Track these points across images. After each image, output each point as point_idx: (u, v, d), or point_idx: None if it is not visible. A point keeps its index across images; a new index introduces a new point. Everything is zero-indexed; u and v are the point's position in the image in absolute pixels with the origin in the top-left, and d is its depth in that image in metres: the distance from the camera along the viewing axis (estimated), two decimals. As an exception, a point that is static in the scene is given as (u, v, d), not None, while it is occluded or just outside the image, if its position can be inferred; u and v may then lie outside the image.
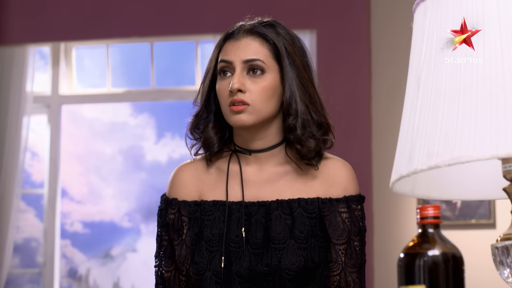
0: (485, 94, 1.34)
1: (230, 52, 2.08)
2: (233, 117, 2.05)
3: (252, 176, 2.11)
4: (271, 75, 2.07)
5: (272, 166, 2.12)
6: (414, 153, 1.39)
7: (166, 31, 5.38)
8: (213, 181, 2.14)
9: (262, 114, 2.06)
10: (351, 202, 2.09)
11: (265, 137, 2.10)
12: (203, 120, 2.14)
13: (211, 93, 2.13)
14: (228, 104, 2.05)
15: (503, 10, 1.38)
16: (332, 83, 5.08)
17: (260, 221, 2.06)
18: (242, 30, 2.10)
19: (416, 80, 1.45)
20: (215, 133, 2.13)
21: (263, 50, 2.07)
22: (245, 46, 2.08)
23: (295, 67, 2.09)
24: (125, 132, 6.24)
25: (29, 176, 5.90)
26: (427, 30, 1.45)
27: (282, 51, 2.08)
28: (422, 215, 1.99)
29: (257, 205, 2.08)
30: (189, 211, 2.11)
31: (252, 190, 2.10)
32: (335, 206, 2.07)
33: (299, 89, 2.08)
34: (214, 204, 2.10)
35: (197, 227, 2.09)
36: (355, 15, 5.16)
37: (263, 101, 2.05)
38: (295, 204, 2.06)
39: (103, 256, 6.14)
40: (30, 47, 5.49)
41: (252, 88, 2.05)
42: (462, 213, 4.90)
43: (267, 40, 2.08)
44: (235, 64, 2.07)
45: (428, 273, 1.40)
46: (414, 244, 1.90)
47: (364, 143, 5.05)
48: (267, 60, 2.07)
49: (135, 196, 6.12)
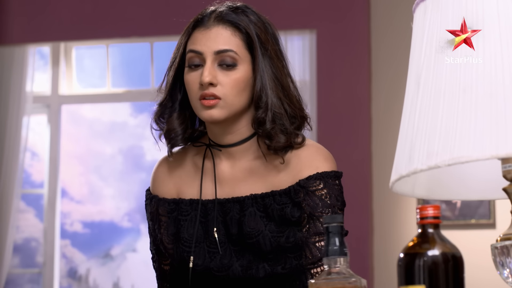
0: (485, 94, 1.33)
1: (200, 42, 1.96)
2: (203, 112, 1.94)
3: (225, 173, 2.03)
4: (244, 67, 1.96)
5: (246, 161, 2.02)
6: (414, 153, 1.39)
7: (166, 31, 5.38)
8: (190, 178, 2.06)
9: (234, 108, 1.95)
10: (327, 178, 1.97)
11: (236, 131, 2.00)
12: (168, 109, 2.03)
13: (177, 82, 2.02)
14: (198, 97, 1.94)
15: (502, 10, 1.38)
16: (332, 83, 5.08)
17: (234, 218, 1.99)
18: (213, 17, 1.98)
19: (416, 80, 1.45)
20: (179, 124, 2.02)
21: (235, 40, 1.96)
22: (216, 35, 1.95)
23: (268, 57, 1.97)
24: (125, 132, 6.24)
25: (29, 176, 5.90)
26: (427, 30, 1.45)
27: (255, 40, 1.96)
28: (422, 215, 1.99)
29: (232, 201, 1.99)
30: (168, 210, 2.05)
31: (227, 187, 2.02)
32: (307, 187, 1.95)
33: (272, 81, 1.97)
34: (191, 203, 2.03)
35: (174, 227, 2.04)
36: (355, 15, 5.16)
37: (235, 94, 1.95)
38: (269, 199, 1.96)
39: (103, 256, 6.13)
40: (30, 47, 5.49)
41: (224, 81, 1.94)
42: (462, 213, 4.90)
43: (239, 29, 1.96)
44: (205, 55, 1.95)
45: (428, 273, 1.40)
46: (414, 244, 1.89)
47: (364, 143, 5.04)
48: (240, 50, 1.96)
49: (135, 196, 6.12)
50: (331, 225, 1.40)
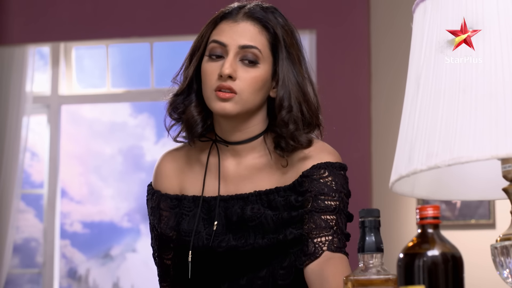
0: (485, 94, 1.33)
1: (226, 34, 1.95)
2: (217, 104, 1.93)
3: (230, 170, 2.02)
4: (264, 66, 1.95)
5: (251, 159, 2.01)
6: (413, 153, 1.39)
7: (166, 31, 5.38)
8: (194, 174, 2.05)
9: (247, 105, 1.94)
10: (332, 167, 1.96)
11: (246, 129, 1.99)
12: (184, 99, 2.01)
13: (195, 72, 2.00)
14: (214, 88, 1.92)
15: (502, 10, 1.38)
16: (331, 83, 5.07)
17: (236, 211, 1.97)
18: (242, 12, 1.97)
19: (415, 80, 1.45)
20: (198, 113, 2.00)
21: (261, 39, 1.95)
22: (243, 30, 1.94)
23: (291, 61, 1.98)
24: (125, 132, 6.23)
25: (29, 176, 5.90)
26: (427, 30, 1.45)
27: (281, 42, 1.96)
28: (422, 215, 1.99)
29: (236, 198, 1.98)
30: (170, 205, 2.04)
31: (231, 185, 2.01)
32: (311, 176, 1.94)
33: (294, 85, 1.97)
34: (194, 200, 2.02)
35: (174, 220, 2.02)
36: (355, 15, 5.16)
37: (252, 92, 1.93)
38: (273, 195, 1.96)
39: (102, 256, 6.13)
40: (30, 47, 5.49)
41: (243, 76, 1.92)
42: (462, 213, 4.90)
43: (267, 28, 1.96)
44: (229, 47, 1.94)
45: (427, 273, 1.40)
46: (414, 244, 1.89)
47: (364, 143, 5.04)
48: (264, 49, 1.95)
49: (134, 196, 6.12)
50: (367, 219, 1.37)
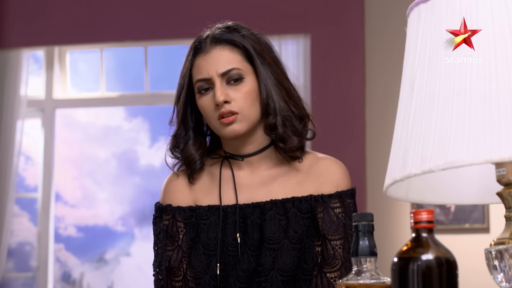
0: (479, 98, 1.33)
1: (204, 69, 2.05)
2: (225, 129, 2.03)
3: (245, 179, 2.10)
4: (250, 78, 2.05)
5: (265, 169, 2.10)
6: (408, 158, 1.39)
7: (160, 35, 5.38)
8: (207, 187, 2.12)
9: (251, 119, 2.05)
10: (345, 197, 2.07)
11: (255, 141, 2.08)
12: (182, 138, 2.11)
13: (187, 110, 2.11)
14: (217, 117, 2.03)
15: (496, 14, 1.38)
16: (326, 87, 5.08)
17: (255, 222, 2.04)
18: (209, 41, 2.07)
19: (410, 84, 1.45)
20: (196, 150, 2.10)
21: (235, 57, 2.05)
22: (217, 57, 2.05)
23: (267, 65, 2.07)
24: (119, 136, 6.22)
25: (23, 180, 5.88)
26: (421, 34, 1.45)
27: (252, 52, 2.06)
28: (416, 219, 1.99)
29: (252, 206, 2.06)
30: (185, 216, 2.09)
31: (246, 193, 2.08)
32: (328, 202, 2.05)
33: (275, 86, 2.06)
34: (210, 208, 2.08)
35: (193, 232, 2.07)
36: (349, 19, 5.17)
37: (250, 105, 2.04)
38: (289, 204, 2.04)
39: (97, 260, 6.12)
40: (24, 51, 5.48)
41: (236, 96, 2.03)
42: (456, 217, 4.90)
43: (236, 45, 2.06)
44: (213, 79, 2.03)
45: (421, 278, 1.40)
46: (408, 248, 1.89)
47: (358, 147, 5.05)
48: (242, 65, 2.05)
49: (129, 200, 6.11)
50: (361, 223, 1.38)
